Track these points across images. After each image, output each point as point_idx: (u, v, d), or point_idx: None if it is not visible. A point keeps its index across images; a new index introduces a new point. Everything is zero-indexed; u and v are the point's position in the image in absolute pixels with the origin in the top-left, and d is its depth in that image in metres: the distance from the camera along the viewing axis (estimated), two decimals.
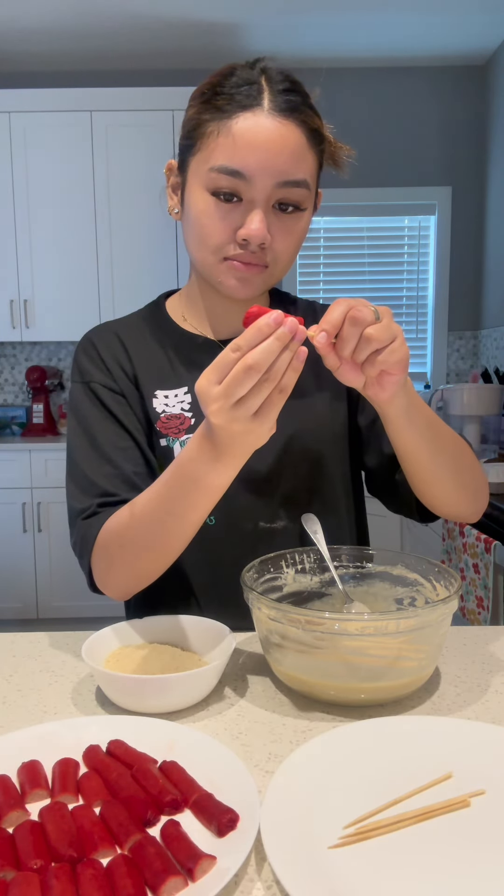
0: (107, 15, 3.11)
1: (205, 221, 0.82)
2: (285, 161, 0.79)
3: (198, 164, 0.82)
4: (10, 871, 0.48)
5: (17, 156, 3.38)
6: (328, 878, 0.47)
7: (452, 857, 0.50)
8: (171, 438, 0.92)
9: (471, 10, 3.13)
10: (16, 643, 0.92)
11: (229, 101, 0.79)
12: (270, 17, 3.16)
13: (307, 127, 0.81)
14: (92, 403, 0.93)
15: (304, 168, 0.81)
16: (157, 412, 0.93)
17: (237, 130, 0.78)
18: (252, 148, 0.78)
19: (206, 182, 0.81)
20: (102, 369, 0.94)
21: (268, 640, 0.76)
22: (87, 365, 0.95)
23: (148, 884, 0.47)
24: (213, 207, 0.81)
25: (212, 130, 0.80)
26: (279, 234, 0.83)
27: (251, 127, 0.78)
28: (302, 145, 0.80)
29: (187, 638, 0.82)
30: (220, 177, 0.79)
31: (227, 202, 0.81)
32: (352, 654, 0.70)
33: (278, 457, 0.94)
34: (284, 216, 0.82)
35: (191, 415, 0.93)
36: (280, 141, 0.78)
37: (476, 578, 2.07)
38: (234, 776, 0.57)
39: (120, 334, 0.97)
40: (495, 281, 3.57)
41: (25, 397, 3.87)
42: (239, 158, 0.78)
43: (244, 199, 0.81)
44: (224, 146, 0.79)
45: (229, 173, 0.79)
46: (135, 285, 3.44)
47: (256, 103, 0.78)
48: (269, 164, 0.78)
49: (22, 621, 3.33)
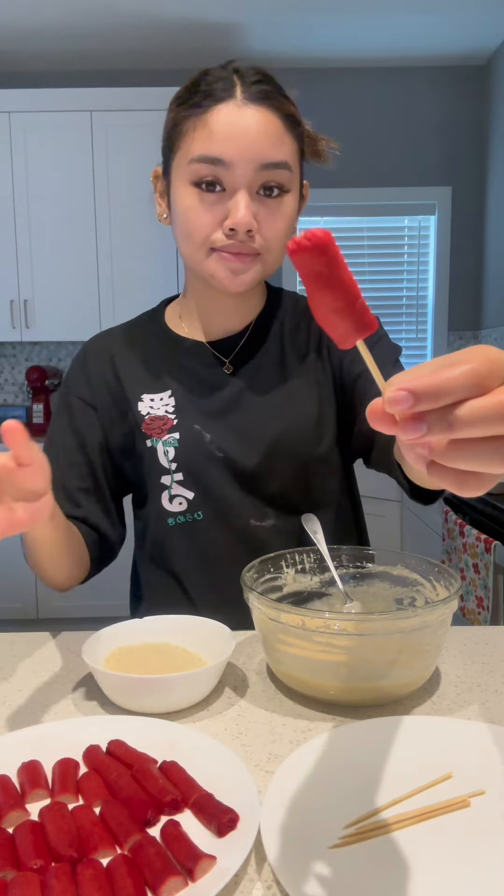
0: (107, 15, 3.11)
1: (190, 216, 0.83)
2: (263, 144, 0.80)
3: (179, 162, 0.84)
4: (10, 871, 0.48)
5: (17, 156, 3.38)
6: (328, 878, 0.47)
7: (452, 857, 0.50)
8: (155, 439, 0.94)
9: (471, 10, 3.13)
10: (16, 643, 0.92)
11: (204, 97, 0.81)
12: (270, 17, 3.16)
13: (282, 112, 0.82)
14: (63, 414, 0.98)
15: (283, 150, 0.82)
16: (141, 415, 0.95)
17: (213, 121, 0.80)
18: (229, 135, 0.79)
19: (188, 175, 0.82)
20: (84, 382, 0.99)
21: (268, 640, 0.76)
22: (73, 375, 1.01)
23: (148, 884, 0.47)
24: (197, 200, 0.82)
25: (189, 126, 0.82)
26: (266, 219, 0.83)
27: (226, 116, 0.80)
28: (278, 129, 0.82)
29: (187, 638, 0.82)
30: (200, 166, 0.81)
31: (209, 192, 0.82)
32: (352, 654, 0.70)
33: (265, 455, 0.94)
34: (269, 200, 0.83)
35: (174, 416, 0.95)
36: (256, 126, 0.80)
37: (476, 578, 2.07)
38: (234, 776, 0.57)
39: (112, 345, 1.01)
40: (495, 281, 3.57)
41: (25, 397, 3.87)
42: (217, 146, 0.80)
43: (227, 188, 0.81)
44: (201, 137, 0.80)
45: (209, 161, 0.80)
46: (135, 285, 3.44)
47: (229, 95, 0.80)
48: (248, 149, 0.80)
49: (22, 621, 3.33)
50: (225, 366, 0.97)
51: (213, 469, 0.93)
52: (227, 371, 0.97)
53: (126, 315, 1.07)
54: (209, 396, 0.95)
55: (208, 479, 0.94)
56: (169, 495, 0.94)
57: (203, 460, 0.93)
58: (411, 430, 0.34)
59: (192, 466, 0.94)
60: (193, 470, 0.94)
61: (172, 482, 0.94)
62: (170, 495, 0.94)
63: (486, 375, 0.34)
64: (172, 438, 0.94)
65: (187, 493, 0.94)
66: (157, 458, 0.94)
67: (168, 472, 0.94)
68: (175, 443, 0.93)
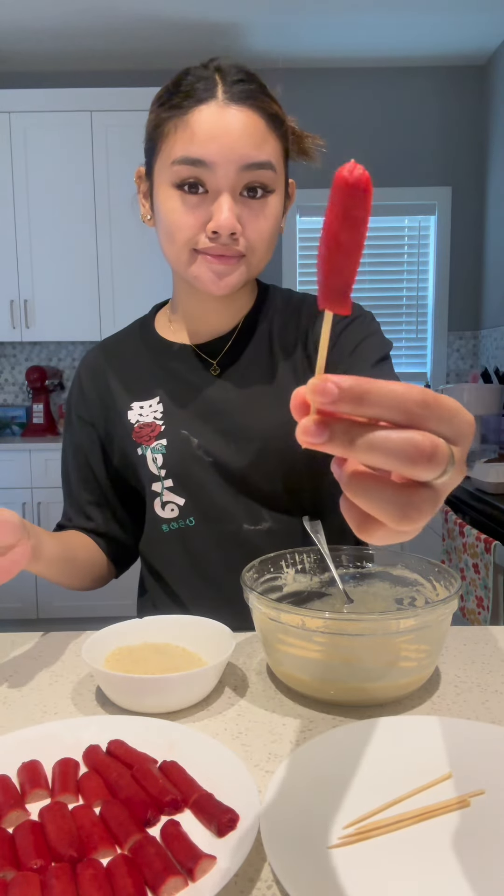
0: (107, 15, 3.11)
1: (173, 217, 0.82)
2: (245, 145, 0.79)
3: (161, 163, 0.83)
4: (10, 871, 0.48)
5: (17, 156, 3.38)
6: (328, 878, 0.47)
7: (452, 857, 0.50)
8: (144, 446, 0.94)
9: (471, 10, 3.13)
10: (16, 643, 0.92)
11: (185, 98, 0.80)
12: (270, 17, 3.16)
13: (265, 112, 0.81)
14: (69, 431, 1.03)
15: (266, 150, 0.80)
16: (131, 423, 0.96)
17: (194, 122, 0.79)
18: (210, 136, 0.78)
19: (170, 177, 0.81)
20: (80, 398, 1.02)
21: (268, 640, 0.76)
22: (72, 392, 1.04)
23: (148, 884, 0.47)
24: (180, 202, 0.81)
25: (170, 127, 0.81)
26: (250, 220, 0.82)
27: (208, 117, 0.78)
28: (261, 129, 0.80)
29: (187, 637, 0.82)
30: (182, 168, 0.79)
31: (192, 194, 0.80)
32: (352, 654, 0.70)
33: (254, 457, 0.93)
34: (253, 202, 0.82)
35: (162, 422, 0.94)
36: (238, 126, 0.78)
37: (476, 578, 2.07)
38: (234, 776, 0.57)
39: (104, 357, 1.02)
40: (495, 281, 3.57)
41: (25, 397, 3.87)
42: (198, 147, 0.78)
43: (210, 189, 0.80)
44: (183, 139, 0.79)
45: (190, 163, 0.79)
46: (135, 285, 3.44)
47: (211, 95, 0.79)
48: (230, 150, 0.78)
49: (22, 621, 3.33)
50: (212, 367, 0.96)
51: (202, 473, 0.93)
52: (214, 373, 0.96)
53: (126, 315, 1.08)
54: (196, 400, 0.95)
55: (197, 484, 0.93)
56: (161, 502, 0.94)
57: (191, 465, 0.93)
58: (312, 433, 0.31)
59: (181, 472, 0.93)
60: (182, 475, 0.93)
61: (163, 489, 0.94)
62: (161, 502, 0.94)
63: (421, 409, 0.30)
64: (160, 445, 0.93)
65: (178, 500, 0.94)
66: (147, 466, 0.94)
67: (158, 479, 0.94)
68: (163, 449, 0.93)
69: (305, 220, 3.76)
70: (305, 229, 3.78)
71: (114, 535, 1.01)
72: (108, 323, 3.46)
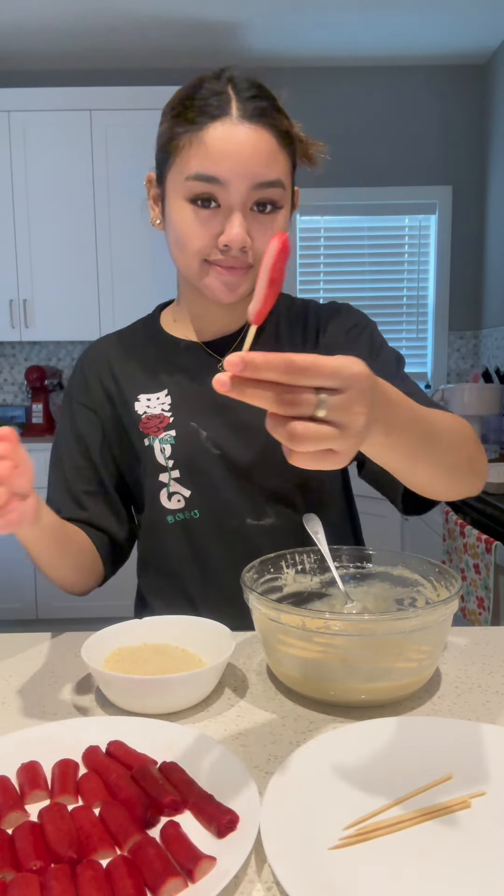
0: (106, 14, 3.11)
1: (185, 229, 0.85)
2: (258, 164, 0.81)
3: (174, 176, 0.85)
4: (9, 872, 0.48)
5: (16, 155, 3.37)
6: (328, 879, 0.47)
7: (453, 858, 0.50)
8: (152, 437, 0.96)
9: (471, 10, 3.13)
10: (16, 643, 0.92)
11: (199, 113, 0.81)
12: (270, 16, 3.15)
13: (277, 130, 0.83)
14: (67, 420, 1.01)
15: (277, 169, 0.83)
16: (138, 414, 0.97)
17: (209, 139, 0.81)
18: (225, 154, 0.80)
19: (184, 191, 0.84)
20: (84, 388, 1.01)
21: (268, 641, 0.76)
22: (73, 383, 1.03)
23: (148, 885, 0.46)
24: (193, 215, 0.84)
25: (185, 142, 0.82)
26: (259, 234, 0.85)
27: (222, 135, 0.80)
28: (273, 147, 0.83)
29: (187, 638, 0.82)
30: (196, 184, 0.82)
31: (205, 208, 0.83)
32: (352, 654, 0.70)
33: (260, 452, 0.94)
34: (262, 216, 0.85)
35: (170, 414, 0.96)
36: (251, 145, 0.81)
37: (477, 579, 2.07)
38: (234, 777, 0.57)
39: (109, 349, 1.03)
40: (495, 281, 3.56)
41: (25, 397, 3.87)
42: (213, 165, 0.81)
43: (222, 204, 0.83)
44: (198, 155, 0.81)
45: (205, 180, 0.81)
46: (134, 285, 3.44)
47: (225, 112, 0.81)
48: (243, 168, 0.81)
49: (22, 621, 3.33)
50: (219, 364, 0.98)
51: (210, 466, 0.94)
52: (221, 369, 0.96)
53: (126, 315, 1.08)
54: (204, 394, 0.96)
55: (205, 476, 0.94)
56: (167, 492, 0.95)
57: (200, 457, 0.94)
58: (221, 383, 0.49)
59: (189, 463, 0.95)
60: (190, 466, 0.95)
61: (170, 479, 0.95)
62: (168, 492, 0.95)
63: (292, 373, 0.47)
64: (169, 436, 0.95)
65: (184, 491, 0.95)
66: (154, 456, 0.95)
67: (165, 470, 0.95)
68: (171, 440, 0.95)
69: (306, 219, 3.75)
70: (305, 228, 3.77)
71: (107, 527, 1.00)
72: (107, 323, 3.46)
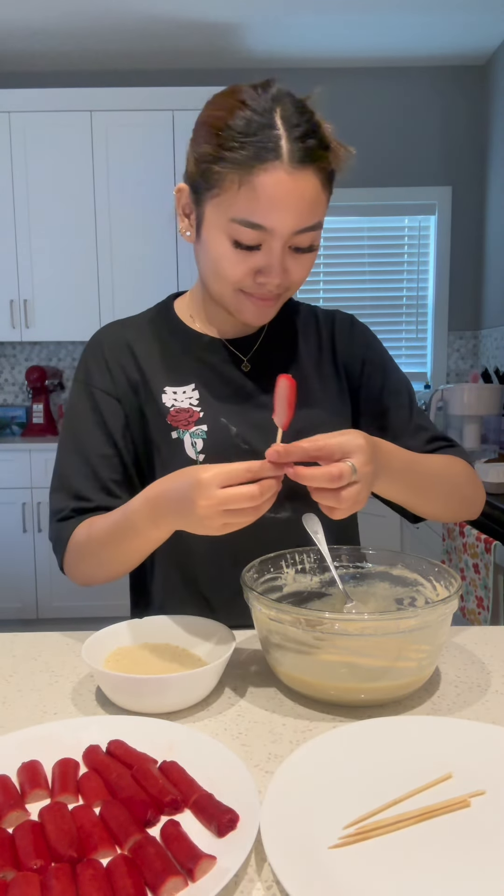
0: (107, 15, 3.11)
1: (224, 264, 0.86)
2: (302, 212, 0.81)
3: (216, 209, 0.84)
4: (10, 871, 0.48)
5: (17, 156, 3.37)
6: (328, 878, 0.47)
7: (452, 857, 0.50)
8: (182, 431, 0.96)
9: (471, 10, 3.13)
10: (16, 643, 0.92)
11: (248, 153, 0.79)
12: (270, 17, 3.16)
13: (324, 173, 0.83)
14: (87, 406, 0.98)
15: (318, 212, 0.84)
16: (166, 407, 0.97)
17: (259, 186, 0.79)
18: (273, 204, 0.80)
19: (227, 230, 0.83)
20: (105, 373, 0.99)
21: (268, 640, 0.76)
22: (91, 366, 1.00)
23: (148, 884, 0.47)
24: (232, 251, 0.84)
25: (231, 180, 0.80)
26: (294, 268, 0.86)
27: (272, 184, 0.79)
28: (318, 191, 0.83)
29: (187, 638, 0.82)
30: (241, 229, 0.82)
31: (246, 249, 0.84)
32: (352, 654, 0.70)
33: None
34: (299, 254, 0.86)
35: (199, 409, 0.97)
36: (298, 194, 0.80)
37: (476, 578, 2.07)
38: (234, 776, 0.57)
39: (128, 336, 1.01)
40: (495, 281, 3.57)
41: (25, 397, 3.87)
42: (260, 214, 0.80)
43: (262, 245, 0.83)
44: (246, 200, 0.80)
45: (251, 226, 0.81)
46: (135, 285, 3.44)
47: (276, 156, 0.79)
48: (289, 217, 0.81)
49: (22, 621, 3.33)
50: (243, 364, 1.00)
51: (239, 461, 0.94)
52: (245, 369, 1.00)
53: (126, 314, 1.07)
54: (230, 392, 0.98)
55: None
56: None
57: (230, 452, 0.95)
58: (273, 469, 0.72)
59: (220, 458, 0.94)
60: (220, 461, 0.94)
61: None
62: None
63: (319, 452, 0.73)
64: (200, 430, 0.95)
65: None
66: (184, 449, 0.95)
67: (194, 463, 0.95)
68: (203, 434, 0.95)
69: None
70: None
71: None
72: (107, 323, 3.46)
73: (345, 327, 1.06)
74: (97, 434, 0.97)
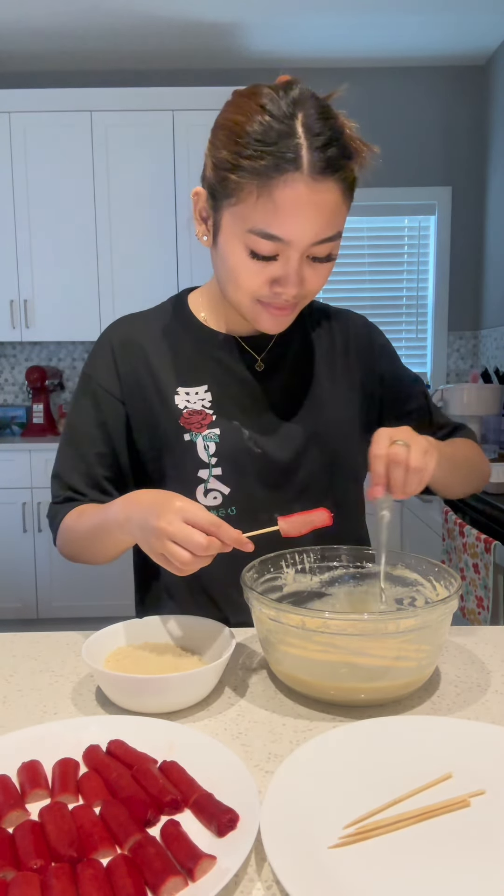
0: (107, 15, 3.11)
1: (241, 273, 0.85)
2: (321, 224, 0.80)
3: (233, 217, 0.82)
4: (10, 871, 0.48)
5: (17, 156, 3.37)
6: (328, 878, 0.47)
7: (452, 857, 0.50)
8: (194, 433, 0.96)
9: (471, 10, 3.13)
10: (16, 643, 0.92)
11: (267, 162, 0.76)
12: (270, 17, 3.16)
13: (345, 182, 0.81)
14: (88, 402, 0.99)
15: (338, 222, 0.82)
16: (179, 409, 0.96)
17: (278, 198, 0.77)
18: (292, 216, 0.78)
19: (245, 240, 0.82)
20: (112, 373, 0.99)
21: (268, 640, 0.76)
22: (99, 364, 1.00)
23: (148, 884, 0.47)
24: (249, 261, 0.83)
25: (250, 190, 0.78)
26: (311, 277, 0.85)
27: (291, 196, 0.77)
28: (338, 201, 0.81)
29: (187, 638, 0.82)
30: (259, 240, 0.80)
31: (263, 260, 0.83)
32: (352, 654, 0.70)
33: (298, 451, 0.97)
34: (318, 265, 0.85)
35: (212, 411, 0.96)
36: (318, 205, 0.78)
37: (476, 578, 2.07)
38: (234, 776, 0.57)
39: (140, 334, 1.01)
40: (495, 281, 3.57)
41: (25, 397, 3.87)
42: (279, 226, 0.79)
43: (279, 256, 0.82)
44: (264, 211, 0.78)
45: (268, 238, 0.80)
46: (135, 285, 3.44)
47: (296, 166, 0.76)
48: (307, 229, 0.79)
49: (22, 621, 3.33)
50: (257, 363, 0.99)
51: (251, 464, 0.96)
52: (259, 368, 0.99)
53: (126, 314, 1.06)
54: (243, 392, 0.98)
55: (244, 475, 0.95)
56: (205, 489, 0.95)
57: (242, 456, 0.95)
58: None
59: (232, 461, 0.95)
60: (233, 465, 0.95)
61: (210, 476, 0.95)
62: (206, 489, 0.95)
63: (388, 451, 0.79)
64: (213, 433, 0.95)
65: (223, 488, 0.95)
66: (197, 453, 0.95)
67: (207, 466, 0.95)
68: (216, 438, 0.95)
69: None
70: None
71: None
72: (107, 323, 3.45)
73: (360, 332, 1.06)
74: (95, 432, 0.98)
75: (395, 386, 1.06)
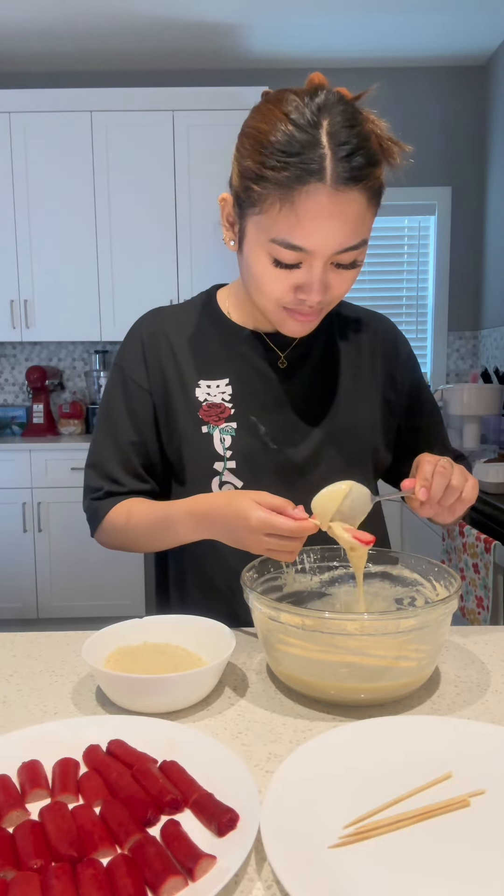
0: (107, 15, 3.11)
1: (265, 280, 0.85)
2: (345, 233, 0.79)
3: (257, 226, 0.82)
4: (10, 870, 0.48)
5: (17, 156, 3.37)
6: (328, 878, 0.47)
7: (452, 856, 0.50)
8: (212, 426, 0.97)
9: (471, 10, 3.13)
10: (16, 643, 0.92)
11: (291, 174, 0.76)
12: (270, 17, 3.16)
13: (371, 190, 0.80)
14: (121, 393, 1.02)
15: (363, 231, 0.81)
16: (198, 401, 0.98)
17: (301, 208, 0.77)
18: (315, 226, 0.77)
19: (268, 249, 0.81)
20: (141, 364, 1.01)
21: (268, 640, 0.76)
22: (129, 355, 1.02)
23: (148, 883, 0.47)
24: (273, 270, 0.83)
25: (272, 202, 0.78)
26: (335, 284, 0.84)
27: (314, 206, 0.76)
28: (363, 209, 0.79)
29: (187, 638, 0.82)
30: (282, 250, 0.80)
31: (286, 268, 0.82)
32: (352, 654, 0.70)
33: (314, 450, 0.97)
34: (342, 270, 0.84)
35: (231, 405, 0.97)
36: (341, 215, 0.78)
37: (476, 578, 2.07)
38: (234, 776, 0.57)
39: (168, 326, 1.02)
40: (495, 281, 3.57)
41: (25, 397, 3.87)
42: (301, 237, 0.78)
43: (303, 264, 0.82)
44: (287, 221, 0.78)
45: (291, 248, 0.79)
46: (135, 285, 3.43)
47: (319, 177, 0.75)
48: (330, 239, 0.78)
49: (22, 621, 3.33)
50: (280, 360, 1.00)
51: (266, 460, 0.96)
52: (282, 366, 1.00)
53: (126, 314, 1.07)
54: (264, 388, 0.99)
55: (258, 470, 0.96)
56: (220, 481, 0.96)
57: (257, 451, 0.96)
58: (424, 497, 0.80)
59: (247, 455, 0.96)
60: (248, 459, 0.96)
61: (224, 469, 0.96)
62: (220, 481, 0.96)
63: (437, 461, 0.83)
64: (230, 427, 0.96)
65: (237, 482, 0.96)
66: (213, 445, 0.96)
67: (222, 459, 0.96)
68: (232, 431, 0.96)
69: None
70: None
71: (165, 497, 1.03)
72: (108, 323, 3.46)
73: (388, 338, 1.06)
74: (128, 423, 1.00)
75: (413, 396, 1.07)
